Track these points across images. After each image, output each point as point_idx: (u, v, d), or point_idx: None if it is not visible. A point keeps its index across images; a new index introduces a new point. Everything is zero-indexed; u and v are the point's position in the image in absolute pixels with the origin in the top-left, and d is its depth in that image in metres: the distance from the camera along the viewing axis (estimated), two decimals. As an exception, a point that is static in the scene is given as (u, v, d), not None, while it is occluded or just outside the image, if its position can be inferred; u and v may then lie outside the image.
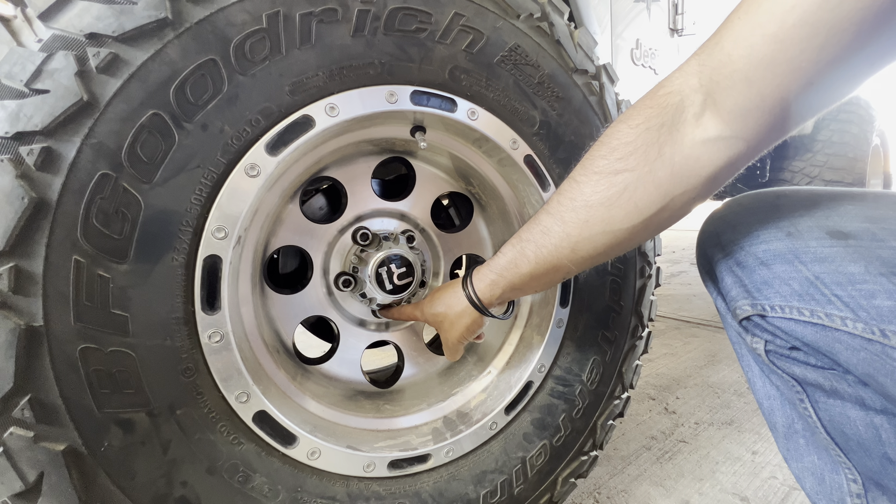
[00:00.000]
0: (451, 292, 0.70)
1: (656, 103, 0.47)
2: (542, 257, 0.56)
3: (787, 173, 2.45)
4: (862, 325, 0.45)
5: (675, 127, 0.45)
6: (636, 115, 0.48)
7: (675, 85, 0.46)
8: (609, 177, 0.49)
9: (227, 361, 0.57)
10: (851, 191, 0.54)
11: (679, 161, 0.46)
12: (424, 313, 0.73)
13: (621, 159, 0.48)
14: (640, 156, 0.47)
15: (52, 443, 0.47)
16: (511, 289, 0.62)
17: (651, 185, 0.47)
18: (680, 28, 1.67)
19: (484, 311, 0.66)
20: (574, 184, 0.53)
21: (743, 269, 0.54)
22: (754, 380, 0.61)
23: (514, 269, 0.60)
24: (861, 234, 0.47)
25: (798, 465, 0.61)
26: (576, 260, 0.55)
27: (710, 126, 0.44)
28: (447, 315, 0.69)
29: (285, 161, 0.59)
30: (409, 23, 0.63)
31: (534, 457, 0.80)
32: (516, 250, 0.59)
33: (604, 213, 0.50)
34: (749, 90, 0.41)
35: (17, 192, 0.44)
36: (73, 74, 0.46)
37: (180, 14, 0.51)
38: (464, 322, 0.68)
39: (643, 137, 0.47)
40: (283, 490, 0.62)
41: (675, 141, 0.45)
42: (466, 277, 0.67)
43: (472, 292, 0.65)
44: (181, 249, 0.53)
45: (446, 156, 0.82)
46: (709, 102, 0.44)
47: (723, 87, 0.42)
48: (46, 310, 0.46)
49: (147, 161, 0.50)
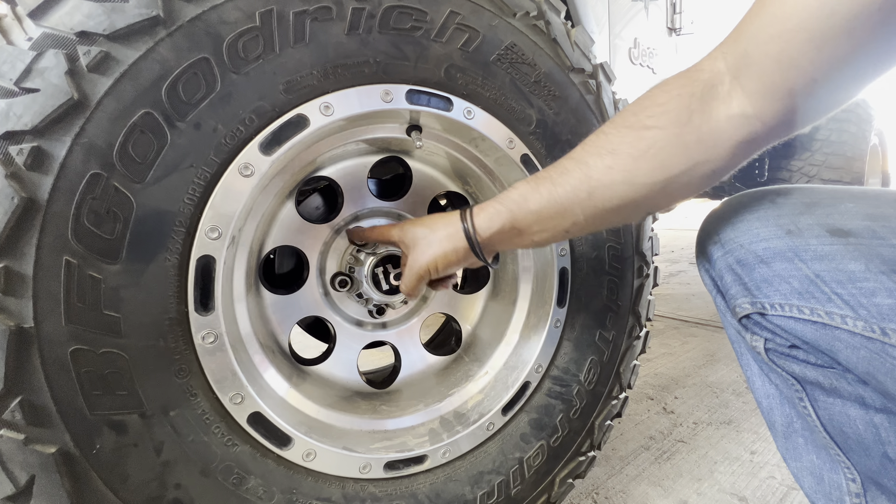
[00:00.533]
0: (443, 217, 0.64)
1: (689, 76, 0.50)
2: (556, 196, 0.54)
3: (785, 172, 2.45)
4: (862, 324, 0.45)
5: (706, 100, 0.48)
6: (671, 83, 0.51)
7: (706, 65, 0.49)
8: (639, 131, 0.51)
9: (221, 362, 0.57)
10: (852, 189, 0.54)
11: (706, 130, 0.48)
12: (403, 230, 0.66)
13: (652, 117, 0.50)
14: (672, 117, 0.49)
15: (44, 445, 0.47)
16: (512, 227, 0.58)
17: (679, 147, 0.49)
18: (678, 27, 1.67)
19: (474, 244, 0.60)
20: (602, 135, 0.54)
21: (743, 267, 0.53)
22: (753, 378, 0.61)
23: (523, 203, 0.57)
24: (862, 232, 0.47)
25: (797, 465, 0.60)
26: (588, 208, 0.54)
27: (736, 104, 0.47)
28: (427, 236, 0.63)
29: (280, 160, 0.59)
30: (405, 21, 0.63)
31: (531, 457, 0.80)
32: (529, 186, 0.57)
33: (629, 163, 0.51)
34: (764, 79, 0.45)
35: (6, 192, 0.44)
36: (64, 73, 0.46)
37: (172, 12, 0.50)
38: (444, 247, 0.61)
39: (675, 102, 0.49)
40: (278, 492, 0.61)
41: (705, 111, 0.48)
42: (466, 207, 0.62)
43: (470, 220, 0.60)
44: (174, 250, 0.52)
45: (443, 155, 0.82)
46: (735, 84, 0.47)
47: (744, 73, 0.46)
48: (37, 311, 0.46)
49: (139, 160, 0.50)
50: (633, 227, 0.88)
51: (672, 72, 0.54)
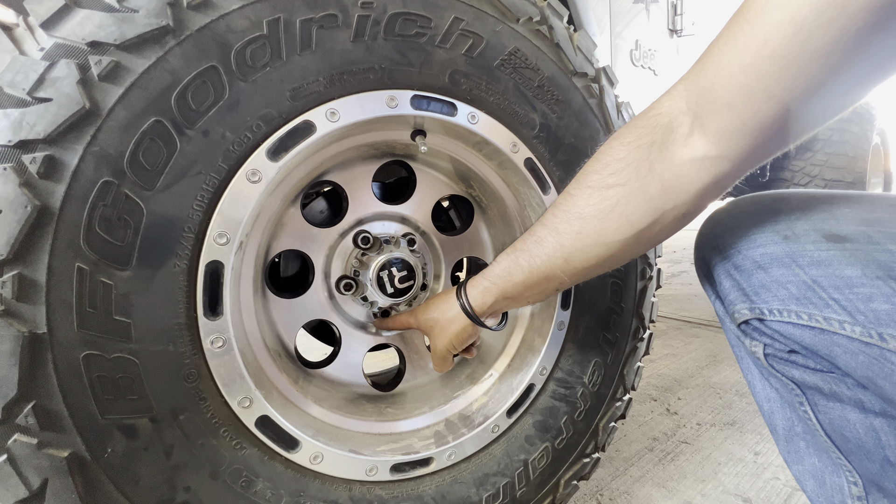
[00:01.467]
0: (445, 298, 0.70)
1: (647, 123, 0.49)
2: (536, 267, 0.57)
3: (787, 172, 2.45)
4: (860, 329, 0.45)
5: (666, 145, 0.47)
6: (628, 133, 0.50)
7: (665, 107, 0.48)
8: (602, 190, 0.51)
9: (229, 366, 0.57)
10: (848, 193, 0.54)
11: (668, 178, 0.48)
12: (418, 319, 0.73)
13: (613, 174, 0.50)
14: (632, 171, 0.49)
15: (56, 449, 0.48)
16: (504, 297, 0.63)
17: (642, 200, 0.49)
18: (679, 29, 1.67)
19: (475, 319, 0.66)
20: (568, 197, 0.54)
21: (740, 272, 0.54)
22: (754, 383, 0.61)
23: (508, 277, 0.61)
24: (858, 238, 0.47)
25: (799, 468, 0.61)
26: (569, 271, 0.56)
27: (698, 146, 0.46)
28: (438, 321, 0.69)
29: (286, 166, 0.59)
30: (409, 27, 0.64)
31: (536, 459, 0.80)
32: (510, 259, 0.60)
33: (597, 226, 0.52)
34: (731, 115, 0.43)
35: (20, 200, 0.45)
36: (76, 82, 0.46)
37: (181, 21, 0.51)
38: (454, 329, 0.68)
39: (634, 154, 0.49)
40: (286, 495, 0.62)
41: (665, 158, 0.47)
42: (460, 286, 0.67)
43: (465, 299, 0.65)
44: (183, 255, 0.53)
45: (447, 159, 0.82)
46: (696, 124, 0.46)
47: (707, 111, 0.44)
48: (50, 317, 0.47)
49: (149, 168, 0.50)
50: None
51: (673, 73, 0.53)
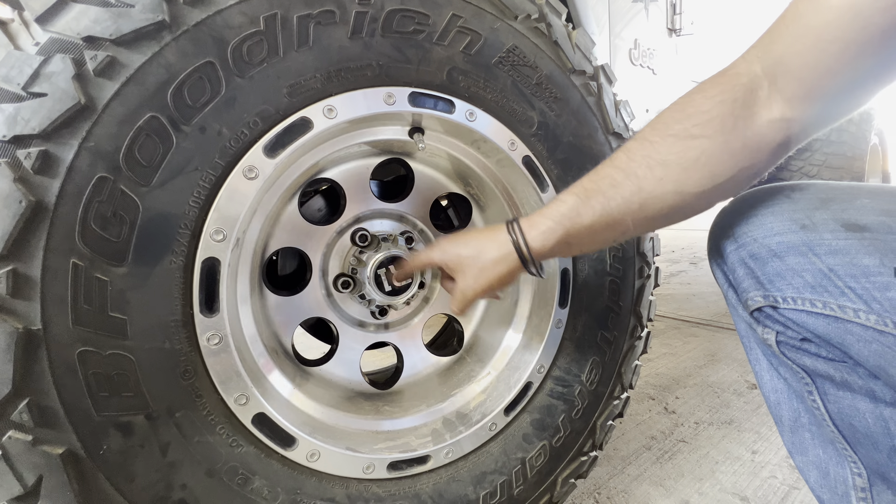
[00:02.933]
0: (489, 235, 0.63)
1: (728, 80, 0.50)
2: (609, 210, 0.55)
3: (785, 172, 2.45)
4: (875, 317, 0.46)
5: (748, 105, 0.49)
6: (710, 87, 0.51)
7: (742, 68, 0.50)
8: (686, 140, 0.51)
9: (225, 364, 0.57)
10: (868, 185, 0.55)
11: (750, 135, 0.49)
12: (446, 253, 0.66)
13: (698, 125, 0.51)
14: (717, 125, 0.50)
15: (51, 446, 0.47)
16: (565, 241, 0.58)
17: (726, 154, 0.50)
18: (678, 28, 1.67)
19: (530, 263, 0.60)
20: (647, 143, 0.54)
21: (756, 260, 0.54)
22: (762, 373, 0.62)
23: (577, 218, 0.57)
24: (877, 227, 0.48)
25: (803, 459, 0.61)
26: (639, 217, 0.55)
27: (776, 108, 0.48)
28: (477, 260, 0.63)
29: (283, 163, 0.59)
30: (407, 24, 0.63)
31: (533, 457, 0.80)
32: (580, 199, 0.57)
33: (679, 174, 0.52)
34: (801, 85, 0.47)
35: (14, 195, 0.44)
36: (71, 78, 0.46)
37: (177, 17, 0.51)
38: (497, 271, 0.62)
39: (718, 109, 0.50)
40: (283, 492, 0.62)
41: (748, 116, 0.49)
42: (511, 222, 0.61)
43: (521, 238, 0.59)
44: (179, 252, 0.53)
45: (445, 157, 0.82)
46: (773, 89, 0.48)
47: (780, 79, 0.48)
48: (45, 313, 0.46)
49: (145, 164, 0.50)
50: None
51: (672, 72, 0.54)
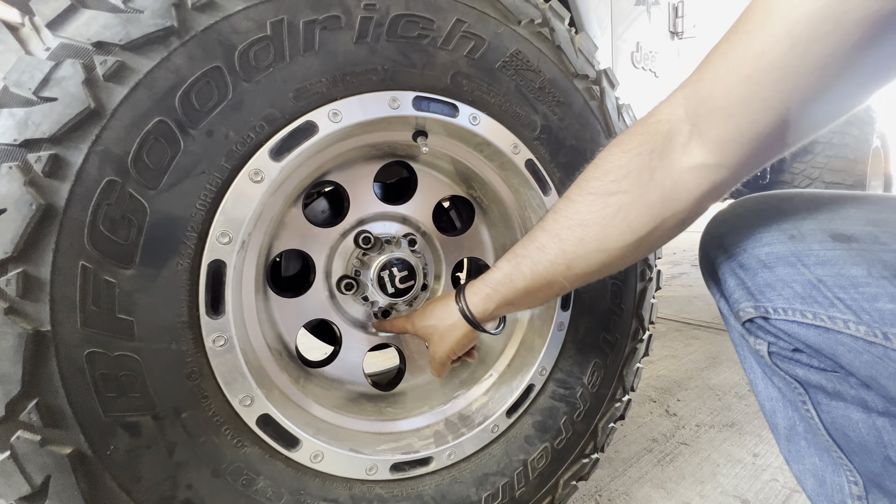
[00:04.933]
0: (443, 305, 0.70)
1: (647, 130, 0.50)
2: (538, 273, 0.58)
3: (787, 175, 2.45)
4: (865, 328, 0.46)
5: (665, 153, 0.48)
6: (628, 140, 0.51)
7: (664, 114, 0.49)
8: (604, 197, 0.52)
9: (231, 365, 0.58)
10: (854, 194, 0.55)
11: (669, 185, 0.49)
12: (415, 325, 0.73)
13: (615, 181, 0.51)
14: (634, 179, 0.50)
15: (59, 446, 0.48)
16: (505, 303, 0.63)
17: (644, 207, 0.50)
18: (680, 31, 1.68)
19: (476, 326, 0.66)
20: (570, 203, 0.55)
21: (746, 271, 0.54)
22: (756, 382, 0.62)
23: (510, 283, 0.61)
24: (864, 238, 0.48)
25: (799, 467, 0.61)
26: (570, 276, 0.57)
27: (696, 154, 0.47)
28: (437, 328, 0.70)
29: (289, 166, 0.60)
30: (412, 29, 0.64)
31: (535, 459, 0.81)
32: (512, 265, 0.60)
33: (599, 232, 0.52)
34: (728, 124, 0.44)
35: (25, 198, 0.45)
36: (81, 82, 0.47)
37: (186, 22, 0.51)
38: (454, 335, 0.68)
39: (635, 162, 0.49)
40: (287, 493, 0.62)
41: (665, 166, 0.48)
42: (459, 291, 0.67)
43: (465, 306, 0.65)
44: (186, 254, 0.53)
45: (448, 160, 0.83)
46: (694, 132, 0.46)
47: (705, 119, 0.45)
48: (54, 315, 0.47)
49: (153, 167, 0.51)
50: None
51: (674, 75, 0.54)
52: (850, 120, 2.42)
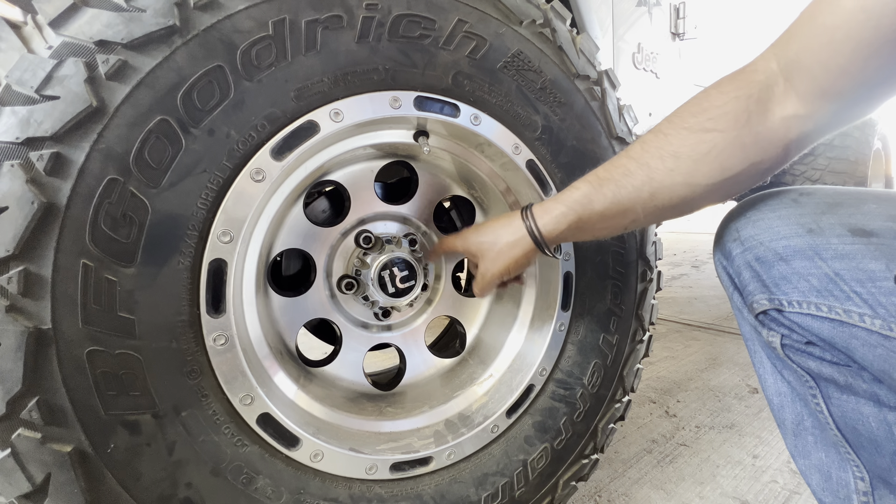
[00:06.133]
0: (506, 222, 0.68)
1: (744, 77, 0.52)
2: (620, 198, 0.57)
3: (788, 176, 2.45)
4: (880, 322, 0.46)
5: (763, 101, 0.50)
6: (726, 84, 0.53)
7: (760, 66, 0.51)
8: (699, 133, 0.52)
9: (231, 364, 0.58)
10: (875, 190, 0.55)
11: (762, 131, 0.50)
12: (468, 242, 0.71)
13: (712, 119, 0.52)
14: (731, 119, 0.51)
15: (60, 444, 0.48)
16: (576, 226, 0.61)
17: (738, 149, 0.51)
18: (681, 32, 1.68)
19: (541, 245, 0.64)
20: (662, 136, 0.55)
21: (761, 263, 0.55)
22: (766, 376, 0.62)
23: (588, 204, 0.60)
24: (884, 233, 0.48)
25: (805, 462, 0.61)
26: (649, 207, 0.57)
27: (790, 105, 0.49)
28: (495, 244, 0.67)
29: (290, 165, 0.60)
30: (413, 29, 0.64)
31: (535, 460, 0.81)
32: (592, 186, 0.59)
33: (690, 166, 0.53)
34: (814, 83, 0.47)
35: (27, 196, 0.45)
36: (83, 81, 0.47)
37: (188, 21, 0.51)
38: (513, 254, 0.66)
39: (733, 104, 0.51)
40: (286, 492, 0.62)
41: (762, 112, 0.50)
42: (526, 209, 0.65)
43: (534, 223, 0.63)
44: (187, 253, 0.54)
45: (449, 160, 0.83)
46: (789, 86, 0.49)
47: (796, 76, 0.49)
48: (55, 313, 0.47)
49: (154, 166, 0.51)
50: (636, 231, 0.89)
51: (676, 76, 0.55)
52: (851, 122, 2.41)
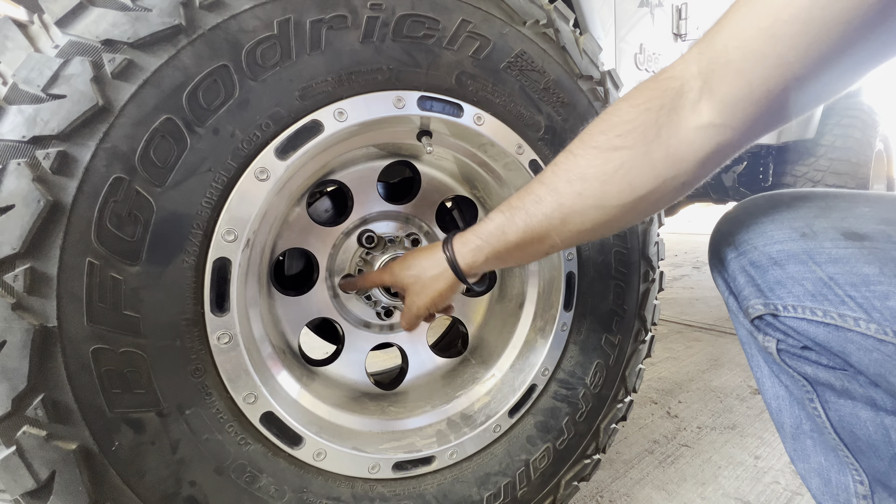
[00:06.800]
0: (428, 254, 0.67)
1: (658, 86, 0.48)
2: (532, 226, 0.56)
3: (789, 178, 2.45)
4: (875, 326, 0.46)
5: (674, 111, 0.47)
6: (638, 95, 0.49)
7: (677, 71, 0.47)
8: (607, 152, 0.50)
9: (235, 362, 0.58)
10: (868, 193, 0.54)
11: (674, 144, 0.47)
12: (394, 275, 0.70)
13: (620, 136, 0.49)
14: (639, 135, 0.48)
15: (64, 442, 0.48)
16: (495, 256, 0.61)
17: (646, 165, 0.48)
18: (683, 33, 1.68)
19: (462, 278, 0.63)
20: (570, 156, 0.53)
21: (756, 268, 0.54)
22: (763, 380, 0.62)
23: (501, 235, 0.59)
24: (877, 236, 0.48)
25: (804, 466, 0.61)
26: (563, 233, 0.55)
27: (705, 113, 0.45)
28: (419, 277, 0.66)
29: (294, 165, 0.60)
30: (417, 29, 0.64)
31: (537, 459, 0.81)
32: (505, 217, 0.58)
33: (598, 188, 0.51)
34: (739, 81, 0.42)
35: (33, 194, 0.45)
36: (89, 80, 0.47)
37: (193, 21, 0.51)
38: (437, 287, 0.65)
39: (643, 117, 0.48)
40: (290, 491, 0.62)
41: (673, 124, 0.47)
42: (447, 241, 0.65)
43: (453, 256, 0.63)
44: (192, 252, 0.54)
45: (451, 160, 0.83)
46: (705, 90, 0.45)
47: (717, 76, 0.44)
48: (60, 310, 0.47)
49: (160, 165, 0.51)
50: (639, 231, 0.89)
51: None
52: (852, 123, 2.41)
